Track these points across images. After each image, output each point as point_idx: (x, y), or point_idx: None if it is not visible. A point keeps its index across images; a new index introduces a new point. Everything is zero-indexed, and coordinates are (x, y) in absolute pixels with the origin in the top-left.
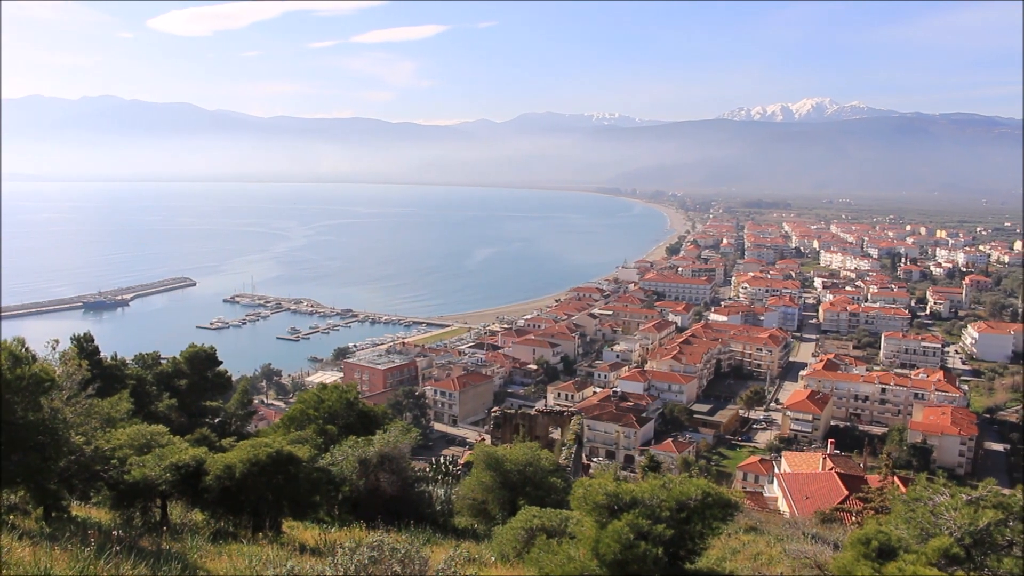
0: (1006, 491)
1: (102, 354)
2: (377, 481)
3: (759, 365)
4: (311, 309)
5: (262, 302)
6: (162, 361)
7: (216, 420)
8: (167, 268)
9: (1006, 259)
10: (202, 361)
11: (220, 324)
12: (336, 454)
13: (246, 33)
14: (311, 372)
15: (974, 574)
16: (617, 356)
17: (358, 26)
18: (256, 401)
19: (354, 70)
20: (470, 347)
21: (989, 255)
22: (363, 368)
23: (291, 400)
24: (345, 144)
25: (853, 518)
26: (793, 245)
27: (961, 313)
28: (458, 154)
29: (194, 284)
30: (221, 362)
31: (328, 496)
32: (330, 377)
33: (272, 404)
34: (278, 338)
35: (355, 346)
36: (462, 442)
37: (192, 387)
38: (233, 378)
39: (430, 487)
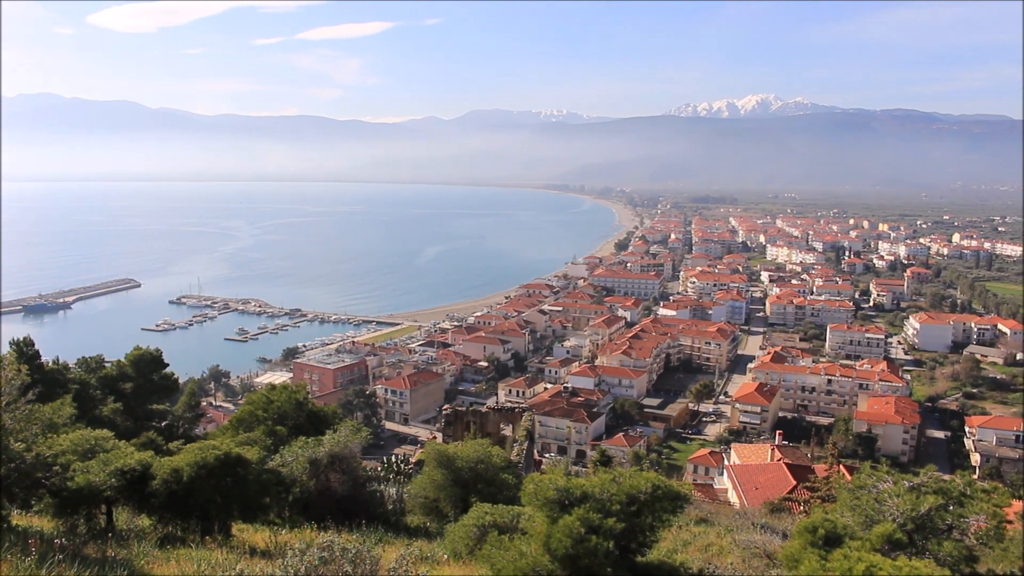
0: (946, 477)
1: (43, 358)
2: (328, 481)
3: (708, 359)
4: (259, 309)
5: (209, 303)
6: (106, 364)
7: (163, 423)
8: (110, 269)
9: (945, 251)
10: (148, 364)
11: (166, 326)
12: (286, 455)
13: (189, 30)
14: (260, 373)
15: (916, 558)
16: (567, 352)
17: (303, 23)
18: (204, 403)
19: (300, 67)
20: (420, 345)
21: (929, 248)
22: (313, 368)
23: (240, 402)
24: (292, 142)
25: (801, 507)
26: (740, 240)
27: (903, 304)
28: (406, 151)
29: (139, 285)
30: (167, 364)
31: (278, 498)
32: (279, 378)
33: (221, 406)
34: (226, 339)
35: (304, 346)
36: (414, 441)
37: (138, 390)
38: (180, 380)
39: (382, 486)
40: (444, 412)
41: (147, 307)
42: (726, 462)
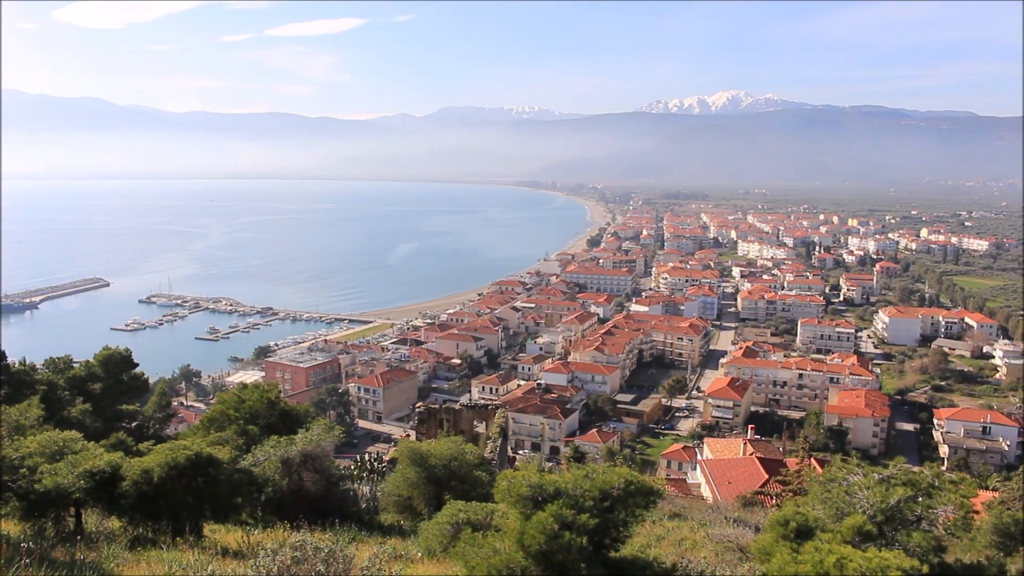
0: (915, 469)
1: (9, 359)
2: (300, 481)
3: (680, 354)
4: (231, 308)
5: (179, 302)
6: (74, 365)
7: (133, 424)
8: (79, 269)
9: (914, 246)
10: (117, 364)
11: (136, 325)
12: (258, 454)
13: (158, 26)
14: (232, 372)
15: (886, 550)
16: (540, 348)
17: (273, 19)
18: (175, 403)
19: (271, 64)
20: (393, 343)
21: (898, 242)
22: (285, 367)
23: (211, 401)
24: (263, 140)
25: (773, 501)
26: (711, 235)
27: (872, 299)
28: (378, 149)
29: (108, 285)
30: (137, 364)
31: (250, 497)
32: (251, 377)
33: (192, 406)
34: (197, 338)
35: (276, 345)
36: (387, 439)
37: (107, 391)
38: (150, 380)
39: (355, 485)
40: (417, 410)
41: (116, 306)
42: (699, 457)
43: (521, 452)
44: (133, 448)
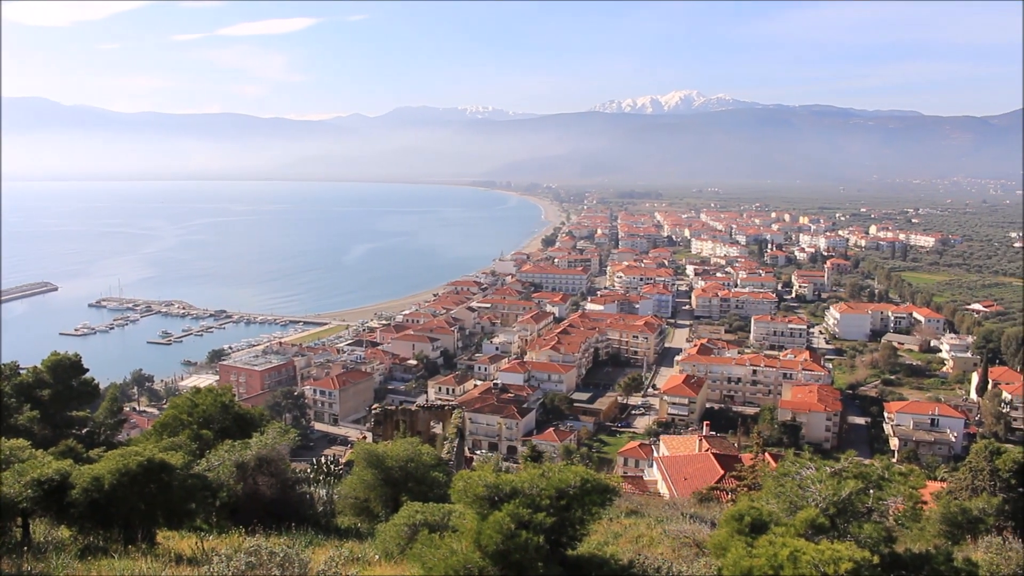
0: (866, 462)
1: None
2: (256, 485)
3: (636, 352)
4: (183, 311)
5: (131, 305)
6: (21, 371)
7: (83, 431)
8: (25, 273)
9: (863, 243)
10: (66, 369)
11: (85, 330)
12: (212, 459)
13: (106, 24)
14: (185, 376)
15: (838, 541)
16: (496, 348)
17: (225, 19)
18: (127, 409)
19: (222, 64)
20: (349, 345)
21: (848, 239)
22: (239, 370)
23: (164, 406)
24: (215, 140)
25: (728, 496)
26: (665, 234)
27: (824, 295)
28: (332, 149)
29: (56, 289)
30: (87, 369)
31: (204, 503)
32: (205, 380)
33: (145, 411)
34: (149, 342)
35: (231, 348)
36: (344, 441)
37: (56, 397)
38: (101, 386)
39: (311, 488)
40: (373, 412)
41: (65, 311)
42: (655, 454)
43: (478, 452)
44: (83, 455)
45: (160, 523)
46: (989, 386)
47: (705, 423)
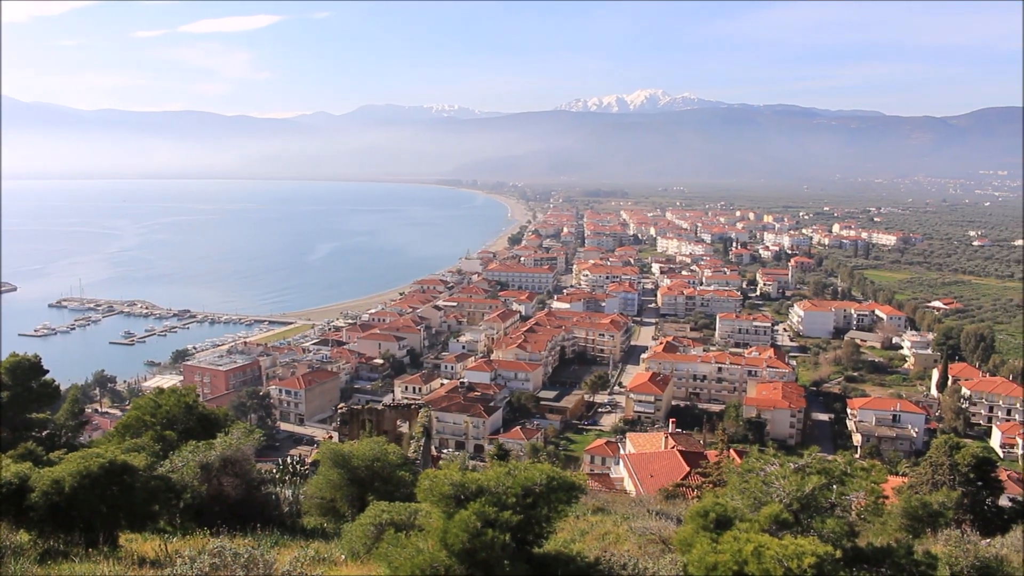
0: (829, 457)
1: None
2: (220, 486)
3: (602, 350)
4: (146, 311)
5: (92, 306)
6: None
7: (43, 433)
8: None
9: (826, 241)
10: (25, 371)
11: (46, 331)
12: (176, 460)
13: (65, 21)
14: (148, 377)
15: (801, 536)
16: (463, 347)
17: (187, 15)
18: (89, 410)
19: (185, 61)
20: (314, 344)
21: (812, 238)
22: (204, 370)
23: (127, 407)
24: (178, 138)
25: (694, 493)
26: (631, 232)
27: (788, 293)
28: (297, 147)
29: (14, 289)
30: (47, 371)
31: (168, 505)
32: (169, 381)
33: (107, 412)
34: (111, 343)
35: (195, 348)
36: (310, 441)
37: (15, 399)
38: (62, 387)
39: (277, 488)
40: (339, 411)
41: (24, 312)
42: (622, 451)
43: (445, 451)
44: (43, 458)
45: (123, 526)
46: (949, 382)
47: (671, 420)
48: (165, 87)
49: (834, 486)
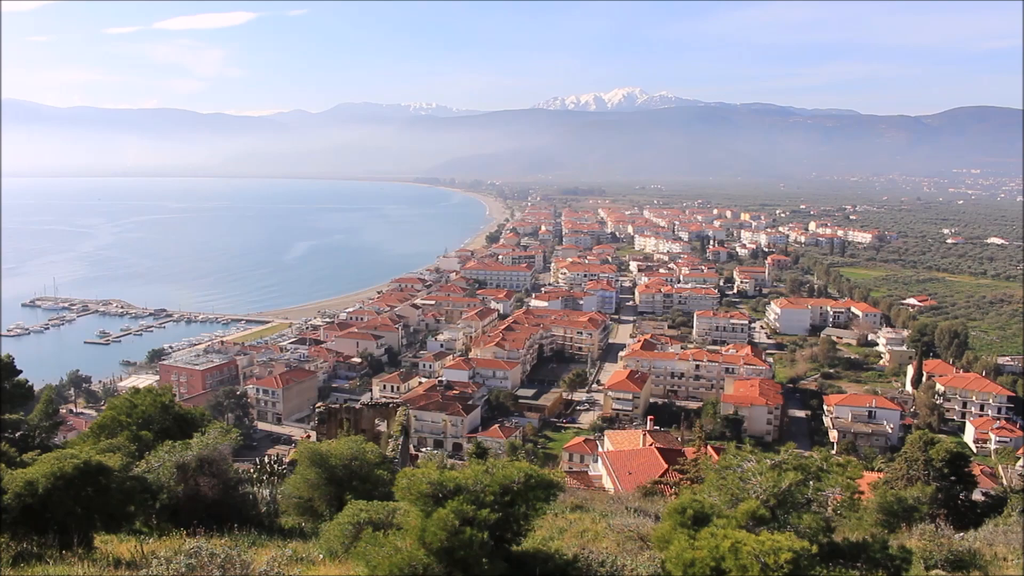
0: (806, 453)
1: None
2: (197, 486)
3: (580, 348)
4: (122, 310)
5: (66, 305)
6: None
7: (17, 434)
8: None
9: (803, 239)
10: None
11: (19, 331)
12: (152, 461)
13: (35, 16)
14: (124, 377)
15: (778, 532)
16: (441, 345)
17: (160, 12)
18: (63, 411)
19: (159, 58)
20: (292, 343)
21: (788, 236)
22: (180, 370)
23: (103, 407)
24: (153, 136)
25: (672, 490)
26: (609, 230)
27: (765, 291)
28: (274, 145)
29: None
30: (20, 371)
31: (144, 505)
32: (145, 381)
33: (82, 413)
34: (86, 342)
35: (171, 347)
36: (287, 440)
37: None
38: (36, 388)
39: (254, 488)
40: (317, 410)
41: None
42: (600, 449)
43: (424, 450)
44: (16, 459)
45: (98, 527)
46: (924, 378)
47: (649, 418)
48: (139, 84)
49: (810, 482)
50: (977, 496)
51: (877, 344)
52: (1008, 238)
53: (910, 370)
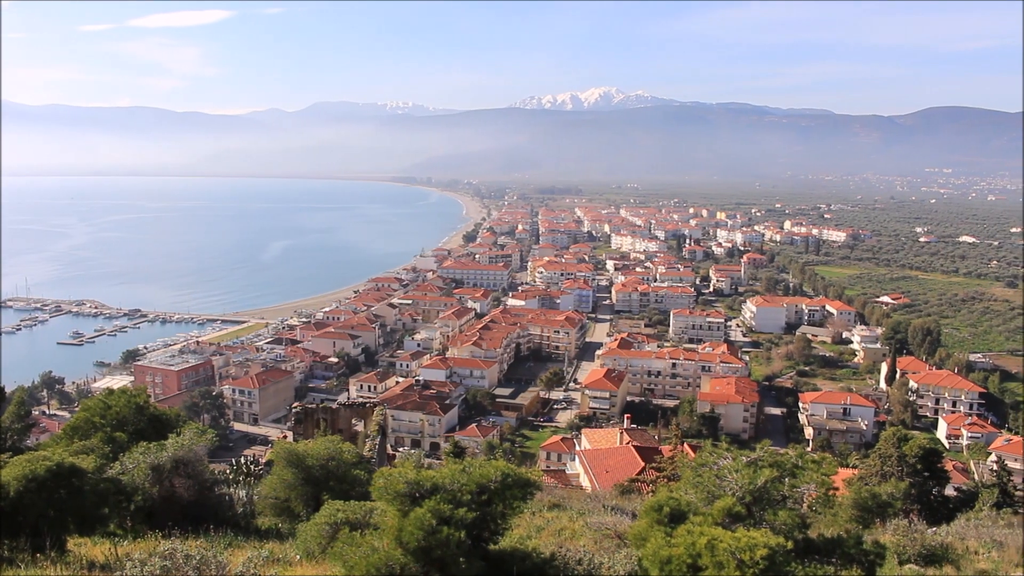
0: (781, 450)
1: None
2: (172, 487)
3: (557, 347)
4: (95, 311)
5: (39, 305)
6: None
7: None
8: None
9: (778, 238)
10: None
11: None
12: (126, 462)
13: (7, 13)
14: (98, 378)
15: (754, 529)
16: (418, 345)
17: (135, 9)
18: (36, 413)
19: (134, 56)
20: (268, 343)
21: (764, 234)
22: (155, 370)
23: (76, 409)
24: (127, 134)
25: (649, 487)
26: (585, 229)
27: (740, 289)
28: (250, 144)
29: None
30: None
31: (119, 507)
32: (119, 382)
33: (56, 415)
34: (59, 343)
35: (146, 348)
36: (264, 441)
37: None
38: (7, 389)
39: (231, 489)
40: (294, 410)
41: None
42: (577, 447)
43: (401, 449)
44: None
45: (71, 530)
46: (897, 376)
47: (626, 416)
48: (114, 82)
49: (786, 479)
50: (949, 491)
51: (852, 342)
52: (979, 236)
53: (884, 367)
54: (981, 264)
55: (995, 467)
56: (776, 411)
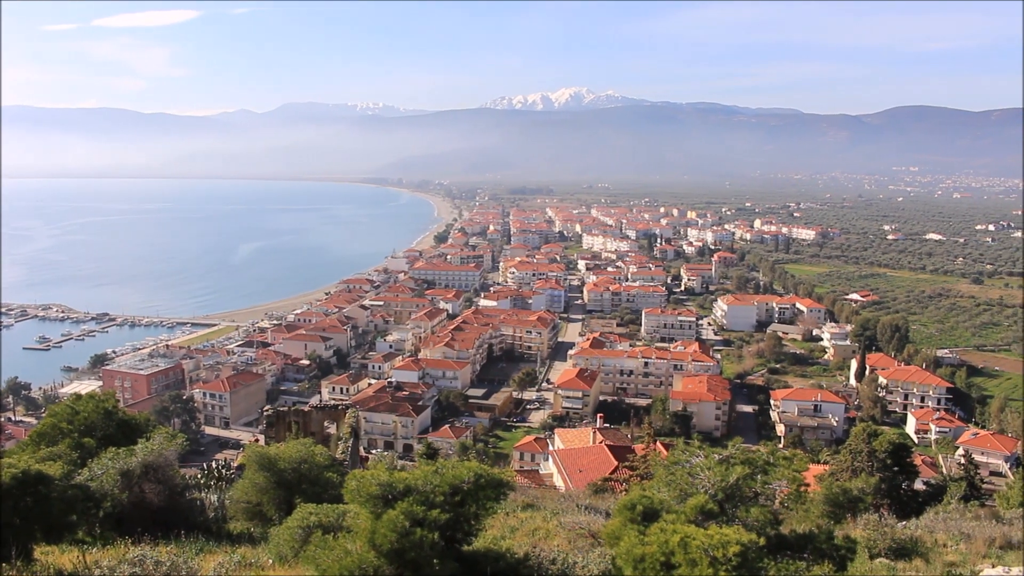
0: (753, 448)
1: None
2: (142, 493)
3: (529, 347)
4: (62, 315)
5: (4, 310)
6: None
7: None
8: None
9: (748, 236)
10: None
11: None
12: (94, 468)
13: None
14: (66, 383)
15: (726, 526)
16: (390, 346)
17: (100, 9)
18: (2, 419)
19: (99, 56)
20: (239, 346)
21: (734, 233)
22: (124, 375)
23: (43, 415)
24: (93, 136)
25: (622, 486)
26: (557, 229)
27: (711, 288)
28: (218, 146)
29: None
30: None
31: (87, 514)
32: (88, 387)
33: (22, 421)
34: (25, 348)
35: (114, 352)
36: (236, 445)
37: None
38: None
39: (202, 494)
40: (265, 413)
41: None
42: (550, 447)
43: (374, 451)
44: None
45: (38, 538)
46: (867, 372)
47: (599, 416)
48: (80, 83)
49: (758, 476)
50: (919, 485)
51: (822, 339)
52: (945, 233)
53: (854, 364)
54: (947, 261)
55: (963, 461)
56: (748, 408)
